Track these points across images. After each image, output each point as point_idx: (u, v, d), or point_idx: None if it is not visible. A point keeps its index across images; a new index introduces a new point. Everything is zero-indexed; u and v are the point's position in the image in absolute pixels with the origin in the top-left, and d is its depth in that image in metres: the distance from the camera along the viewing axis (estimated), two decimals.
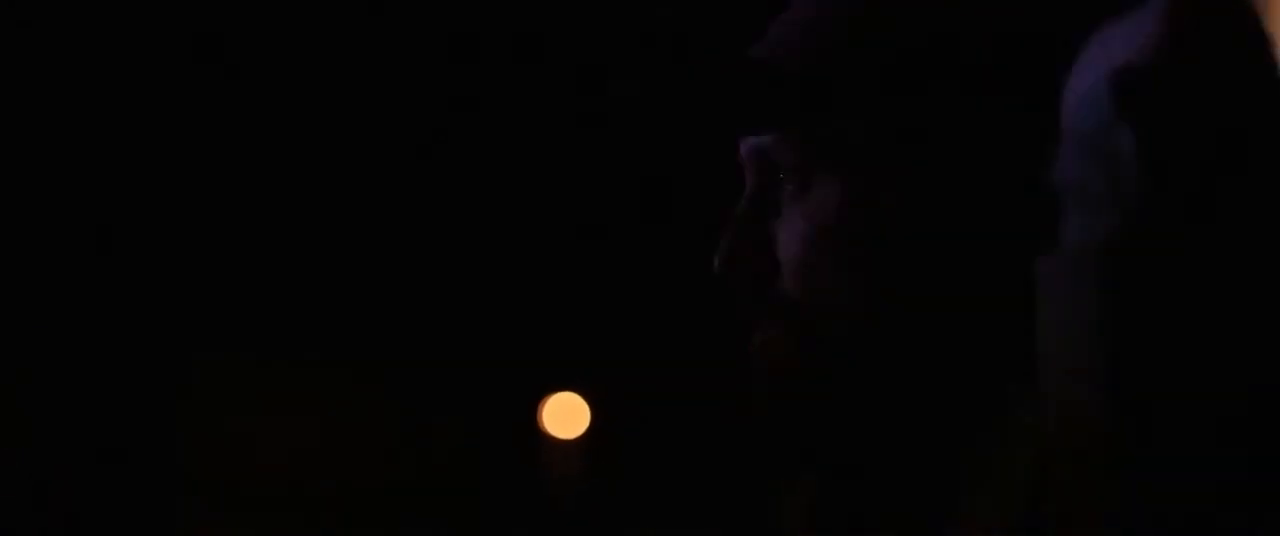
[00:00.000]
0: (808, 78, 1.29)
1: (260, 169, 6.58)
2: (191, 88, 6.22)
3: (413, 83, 6.34)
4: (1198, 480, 0.92)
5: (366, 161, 6.68)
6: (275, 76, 6.25)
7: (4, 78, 5.98)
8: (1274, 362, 0.90)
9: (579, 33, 5.83)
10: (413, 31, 6.14)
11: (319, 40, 6.14)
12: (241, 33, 6.07)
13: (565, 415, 7.70)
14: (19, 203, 6.39)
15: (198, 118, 6.34)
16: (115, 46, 6.00)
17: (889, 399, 1.29)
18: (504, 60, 6.13)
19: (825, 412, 1.30)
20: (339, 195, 6.75)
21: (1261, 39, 0.94)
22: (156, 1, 5.90)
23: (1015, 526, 1.16)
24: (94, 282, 6.70)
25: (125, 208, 6.54)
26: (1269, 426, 0.90)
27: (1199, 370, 0.91)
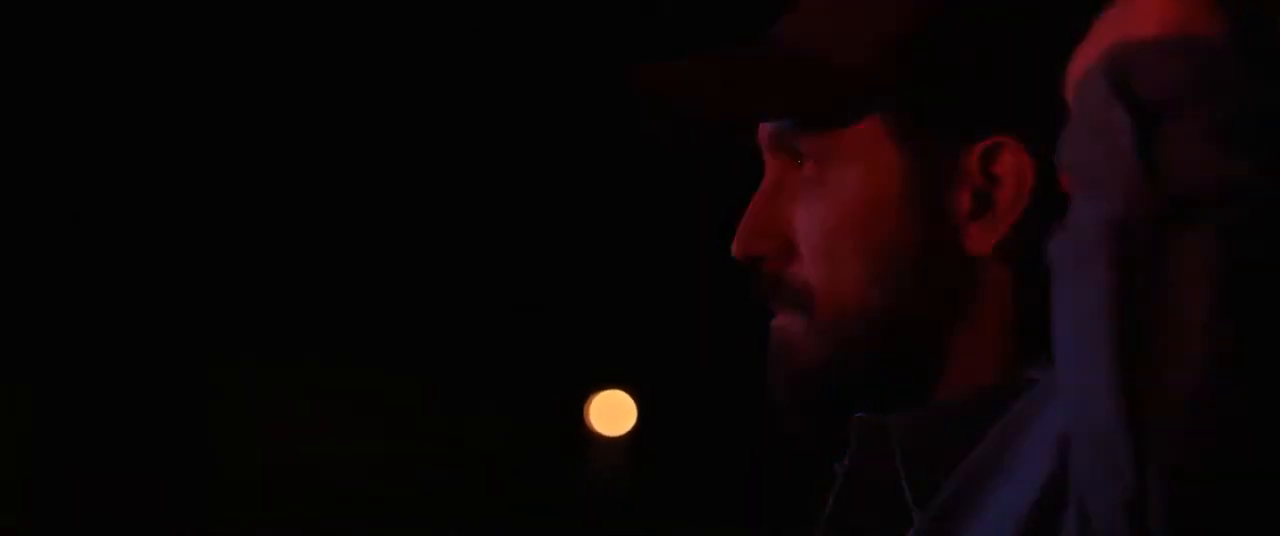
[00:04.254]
0: (830, 62, 1.29)
1: (307, 171, 6.60)
2: (226, 94, 6.24)
3: (454, 85, 6.35)
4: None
5: (413, 162, 6.69)
6: (315, 83, 6.26)
7: (40, 87, 6.01)
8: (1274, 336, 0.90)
9: (607, 28, 5.83)
10: (448, 32, 6.15)
11: (355, 45, 6.16)
12: (277, 39, 6.09)
13: (611, 412, 7.70)
14: (48, 208, 6.42)
15: (231, 124, 6.36)
16: (148, 53, 6.02)
17: (903, 385, 1.29)
18: (537, 61, 6.14)
19: (842, 397, 1.30)
20: (387, 194, 6.76)
21: (1257, 18, 0.94)
22: (188, 4, 5.92)
23: (1034, 505, 1.16)
24: (129, 286, 6.72)
25: (160, 212, 6.57)
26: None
27: (1206, 346, 0.91)
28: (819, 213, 1.30)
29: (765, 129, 1.34)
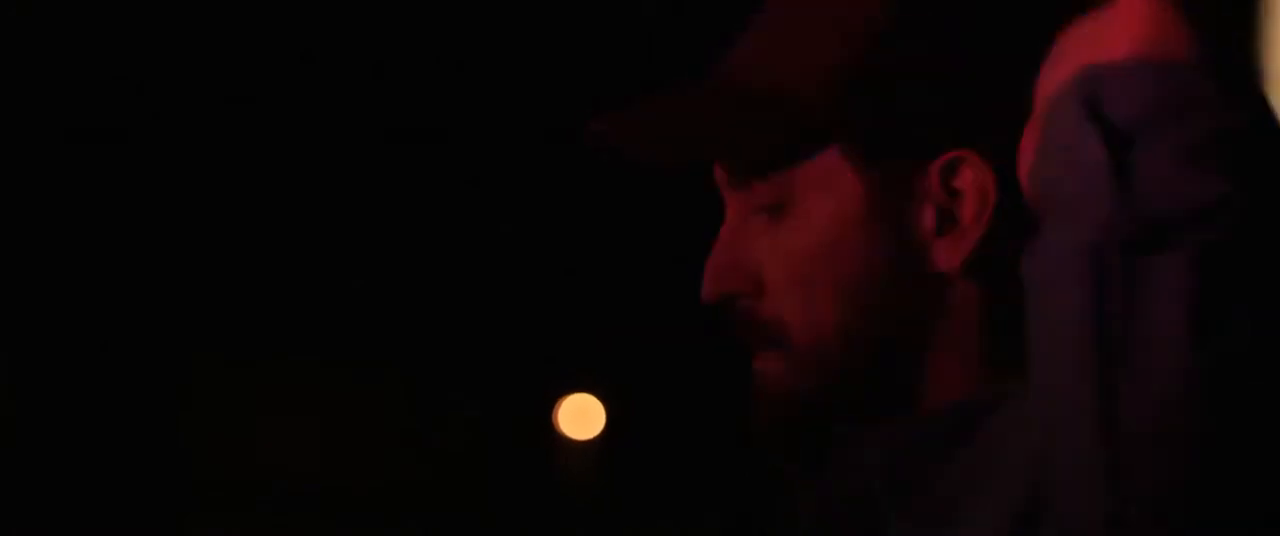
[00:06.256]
0: (783, 96, 1.28)
1: (278, 171, 6.60)
2: (203, 97, 6.24)
3: (426, 87, 6.35)
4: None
5: (382, 164, 6.70)
6: (285, 80, 6.26)
7: (14, 83, 6.00)
8: (1247, 361, 0.90)
9: (575, 43, 5.84)
10: (418, 32, 6.15)
11: (328, 42, 6.17)
12: (254, 38, 6.09)
13: (580, 416, 7.71)
14: (23, 206, 6.41)
15: (203, 122, 6.35)
16: (123, 56, 6.01)
17: (882, 406, 1.28)
18: (511, 69, 6.15)
19: (824, 423, 1.30)
20: (355, 197, 6.77)
21: (1232, 36, 0.93)
22: (163, 4, 5.92)
23: (1013, 521, 1.15)
24: (98, 285, 6.71)
25: (129, 211, 6.56)
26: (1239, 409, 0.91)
27: (1181, 367, 0.90)
28: (785, 246, 1.29)
29: (721, 167, 1.33)
